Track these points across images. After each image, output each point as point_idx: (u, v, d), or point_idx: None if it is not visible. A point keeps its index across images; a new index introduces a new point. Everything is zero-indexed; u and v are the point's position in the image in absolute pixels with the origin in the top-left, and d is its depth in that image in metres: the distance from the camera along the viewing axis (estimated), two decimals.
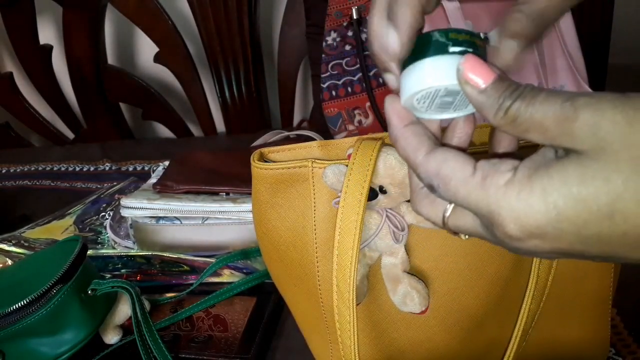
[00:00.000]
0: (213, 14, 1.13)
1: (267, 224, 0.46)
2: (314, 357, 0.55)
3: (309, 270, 0.46)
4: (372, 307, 0.46)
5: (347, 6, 0.87)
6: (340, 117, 0.92)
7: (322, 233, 0.45)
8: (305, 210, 0.45)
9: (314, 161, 0.43)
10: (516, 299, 0.45)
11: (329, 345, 0.48)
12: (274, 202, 0.45)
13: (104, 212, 0.86)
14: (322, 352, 0.50)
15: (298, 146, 0.45)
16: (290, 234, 0.46)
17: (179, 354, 0.56)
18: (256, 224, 0.48)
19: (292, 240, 0.46)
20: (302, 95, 1.28)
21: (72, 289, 0.53)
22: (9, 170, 1.14)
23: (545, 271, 0.44)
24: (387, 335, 0.46)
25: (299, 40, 1.12)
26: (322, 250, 0.45)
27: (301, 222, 0.45)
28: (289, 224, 0.45)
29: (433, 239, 0.44)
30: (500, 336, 0.47)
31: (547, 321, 0.47)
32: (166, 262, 0.69)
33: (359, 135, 0.45)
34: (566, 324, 0.49)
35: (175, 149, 1.01)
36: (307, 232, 0.45)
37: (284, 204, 0.45)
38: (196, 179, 0.73)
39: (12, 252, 0.71)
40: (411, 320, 0.46)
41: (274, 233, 0.46)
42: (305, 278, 0.46)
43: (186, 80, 1.21)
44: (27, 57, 1.27)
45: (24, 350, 0.52)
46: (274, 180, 0.45)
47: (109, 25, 1.26)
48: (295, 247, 0.46)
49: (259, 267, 0.68)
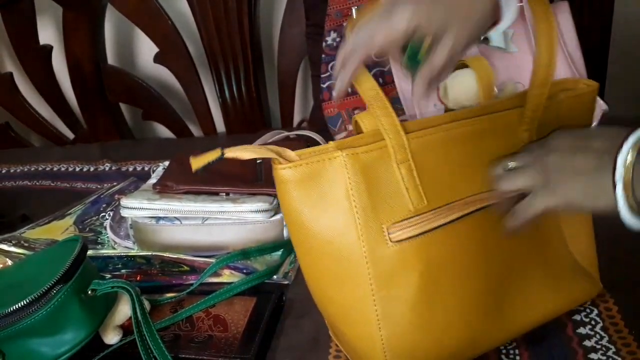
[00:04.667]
0: (213, 14, 1.13)
1: (304, 225, 0.46)
2: (320, 357, 0.56)
3: (357, 258, 0.46)
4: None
5: (347, 6, 0.87)
6: (340, 117, 0.92)
7: (365, 217, 0.45)
8: (342, 200, 0.45)
9: (344, 148, 0.44)
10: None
11: (379, 333, 0.47)
12: (306, 200, 0.45)
13: (104, 212, 0.86)
14: (368, 341, 0.48)
15: (311, 150, 0.46)
16: (332, 227, 0.45)
17: (179, 354, 0.56)
18: (294, 227, 0.47)
19: (336, 233, 0.45)
20: (302, 95, 1.28)
21: (72, 289, 0.53)
22: (9, 170, 1.14)
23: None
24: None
25: (299, 40, 1.12)
26: (367, 233, 0.45)
27: (341, 212, 0.45)
28: (328, 219, 0.45)
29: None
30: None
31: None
32: (166, 262, 0.69)
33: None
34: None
35: (175, 149, 1.01)
36: (349, 220, 0.45)
37: (318, 199, 0.45)
38: (196, 179, 0.73)
39: (12, 252, 0.71)
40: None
41: (313, 231, 0.46)
42: (353, 267, 0.46)
43: (186, 80, 1.21)
44: (27, 57, 1.27)
45: (24, 351, 0.52)
46: (302, 177, 0.44)
47: (109, 25, 1.26)
48: (341, 239, 0.46)
49: (259, 267, 0.68)
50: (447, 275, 0.48)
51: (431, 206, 0.47)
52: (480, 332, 0.50)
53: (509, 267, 0.51)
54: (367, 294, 0.46)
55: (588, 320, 0.56)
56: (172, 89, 1.29)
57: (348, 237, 0.45)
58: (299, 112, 1.26)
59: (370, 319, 0.47)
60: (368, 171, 0.45)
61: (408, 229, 0.46)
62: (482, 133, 0.49)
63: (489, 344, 0.52)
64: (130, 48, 1.34)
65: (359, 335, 0.48)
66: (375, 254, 0.46)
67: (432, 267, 0.47)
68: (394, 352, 0.47)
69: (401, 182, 0.46)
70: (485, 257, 0.49)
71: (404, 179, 0.46)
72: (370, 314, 0.47)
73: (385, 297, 0.46)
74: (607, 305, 0.57)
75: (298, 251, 0.49)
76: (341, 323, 0.49)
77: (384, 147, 0.46)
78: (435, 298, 0.47)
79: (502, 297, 0.51)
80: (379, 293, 0.46)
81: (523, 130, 0.51)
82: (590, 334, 0.54)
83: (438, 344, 0.48)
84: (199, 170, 0.44)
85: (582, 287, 0.56)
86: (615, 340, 0.53)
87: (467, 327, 0.49)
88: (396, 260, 0.46)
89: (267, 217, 0.70)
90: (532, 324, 0.53)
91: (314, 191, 0.45)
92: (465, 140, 0.48)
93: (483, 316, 0.50)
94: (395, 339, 0.47)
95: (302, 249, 0.48)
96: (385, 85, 0.89)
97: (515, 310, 0.52)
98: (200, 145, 1.21)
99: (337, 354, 0.56)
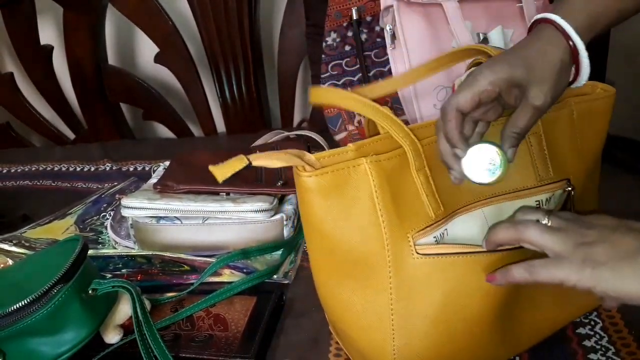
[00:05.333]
0: (213, 14, 1.13)
1: (325, 232, 0.45)
2: (320, 356, 0.56)
3: (380, 267, 0.45)
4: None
5: (347, 6, 0.87)
6: (340, 117, 0.92)
7: (391, 225, 0.45)
8: (367, 208, 0.44)
9: (368, 156, 0.44)
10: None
11: (392, 342, 0.47)
12: (331, 208, 0.44)
13: (104, 212, 0.86)
14: (379, 349, 0.48)
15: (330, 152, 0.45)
16: (356, 235, 0.45)
17: (179, 354, 0.56)
18: (314, 234, 0.46)
19: (360, 241, 0.45)
20: (302, 95, 1.28)
21: (73, 288, 0.53)
22: (10, 170, 1.14)
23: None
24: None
25: (299, 41, 1.12)
26: (394, 242, 0.45)
27: (367, 220, 0.45)
28: (353, 227, 0.45)
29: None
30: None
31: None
32: (167, 261, 0.69)
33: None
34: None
35: (175, 149, 1.01)
36: (375, 229, 0.45)
37: (343, 208, 0.44)
38: (196, 179, 0.73)
39: (13, 252, 0.71)
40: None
41: (336, 239, 0.45)
42: (375, 275, 0.46)
43: (186, 80, 1.21)
44: (28, 57, 1.27)
45: (25, 350, 0.52)
46: (328, 186, 0.44)
47: (109, 25, 1.26)
48: (365, 246, 0.45)
49: (259, 267, 0.69)
50: (474, 302, 0.47)
51: (446, 212, 0.47)
52: (489, 354, 0.50)
53: (520, 291, 0.50)
54: (386, 302, 0.46)
55: (588, 320, 0.56)
56: (172, 89, 1.29)
57: (373, 246, 0.45)
58: (299, 112, 1.26)
59: (385, 327, 0.46)
60: (391, 179, 0.45)
61: (438, 246, 0.46)
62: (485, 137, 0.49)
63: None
64: (131, 48, 1.34)
65: (370, 341, 0.48)
66: (399, 263, 0.45)
67: (459, 289, 0.46)
68: None
69: (421, 189, 0.46)
70: (515, 288, 0.48)
71: (423, 186, 0.46)
72: (386, 323, 0.46)
73: (404, 308, 0.46)
74: None
75: (314, 257, 0.48)
76: (353, 328, 0.49)
77: (402, 154, 0.45)
78: (454, 318, 0.47)
79: (512, 320, 0.51)
80: (398, 303, 0.46)
81: (530, 134, 0.51)
82: (590, 334, 0.54)
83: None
84: (226, 180, 0.42)
85: (587, 297, 0.55)
86: (615, 340, 0.53)
87: (479, 348, 0.49)
88: (420, 273, 0.46)
89: (268, 217, 0.70)
90: (537, 340, 0.53)
91: (338, 199, 0.44)
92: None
93: (499, 343, 0.50)
94: (407, 351, 0.47)
95: (319, 255, 0.48)
96: None
97: (523, 332, 0.52)
98: (200, 145, 1.22)
99: (337, 352, 0.56)
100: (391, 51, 0.82)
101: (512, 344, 0.52)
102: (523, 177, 0.51)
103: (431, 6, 0.79)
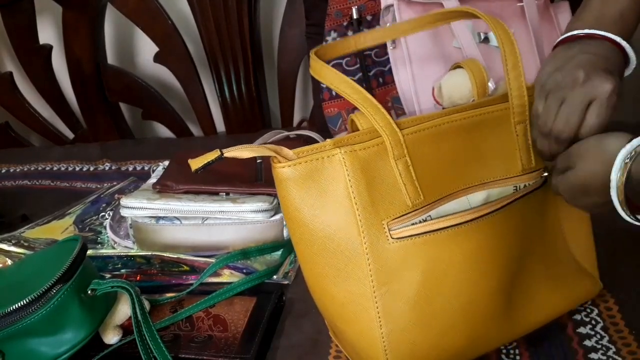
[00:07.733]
0: (213, 14, 1.13)
1: (303, 222, 0.46)
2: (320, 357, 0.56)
3: (357, 254, 0.46)
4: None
5: (347, 6, 0.87)
6: (340, 117, 0.92)
7: (365, 213, 0.45)
8: (342, 197, 0.45)
9: (342, 146, 0.45)
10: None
11: (379, 330, 0.48)
12: (305, 197, 0.46)
13: (103, 212, 0.86)
14: (368, 338, 0.48)
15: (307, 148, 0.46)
16: (332, 224, 0.46)
17: (179, 354, 0.56)
18: (293, 225, 0.47)
19: (336, 229, 0.46)
20: (302, 95, 1.28)
21: (72, 289, 0.53)
22: (9, 170, 1.14)
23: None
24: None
25: (299, 40, 1.12)
26: (368, 229, 0.46)
27: (342, 208, 0.46)
28: (328, 215, 0.46)
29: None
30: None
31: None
32: (166, 262, 0.69)
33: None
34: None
35: (175, 149, 1.01)
36: (350, 217, 0.46)
37: (318, 197, 0.46)
38: (196, 179, 0.73)
39: (12, 252, 0.71)
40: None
41: (313, 229, 0.46)
42: (354, 263, 0.47)
43: (186, 80, 1.21)
44: (27, 57, 1.27)
45: (24, 350, 0.52)
46: (302, 175, 0.45)
47: (109, 25, 1.26)
48: (341, 235, 0.46)
49: (259, 267, 0.68)
50: (451, 276, 0.48)
51: (427, 200, 0.48)
52: (484, 334, 0.50)
53: (514, 270, 0.51)
54: (368, 290, 0.47)
55: (588, 319, 0.56)
56: (172, 88, 1.29)
57: (349, 234, 0.46)
58: (299, 112, 1.26)
59: (371, 315, 0.47)
60: (366, 168, 0.46)
61: (409, 228, 0.47)
62: (471, 127, 0.50)
63: (491, 344, 0.52)
64: (130, 48, 1.33)
65: (359, 332, 0.48)
66: (376, 249, 0.46)
67: (435, 267, 0.47)
68: (394, 350, 0.47)
69: (399, 177, 0.47)
70: (491, 261, 0.49)
71: (402, 175, 0.47)
72: (371, 311, 0.47)
73: (386, 293, 0.47)
74: (607, 304, 0.57)
75: (297, 249, 0.49)
76: (341, 320, 0.49)
77: (380, 143, 0.46)
78: (436, 298, 0.47)
79: (507, 299, 0.51)
80: (380, 289, 0.47)
81: (517, 122, 0.51)
82: (590, 334, 0.54)
83: (439, 343, 0.48)
84: (198, 170, 0.45)
85: (583, 287, 0.56)
86: (616, 340, 0.53)
87: (471, 329, 0.49)
88: (397, 257, 0.47)
89: (267, 217, 0.70)
90: (534, 324, 0.54)
91: (313, 189, 0.45)
92: (455, 134, 0.49)
93: (488, 319, 0.50)
94: (395, 337, 0.47)
95: (301, 246, 0.48)
96: (386, 85, 0.89)
97: (519, 312, 0.52)
98: (200, 145, 1.21)
99: (337, 354, 0.56)
100: (391, 51, 0.81)
101: (508, 327, 0.52)
102: (508, 166, 0.52)
103: (431, 5, 0.79)
